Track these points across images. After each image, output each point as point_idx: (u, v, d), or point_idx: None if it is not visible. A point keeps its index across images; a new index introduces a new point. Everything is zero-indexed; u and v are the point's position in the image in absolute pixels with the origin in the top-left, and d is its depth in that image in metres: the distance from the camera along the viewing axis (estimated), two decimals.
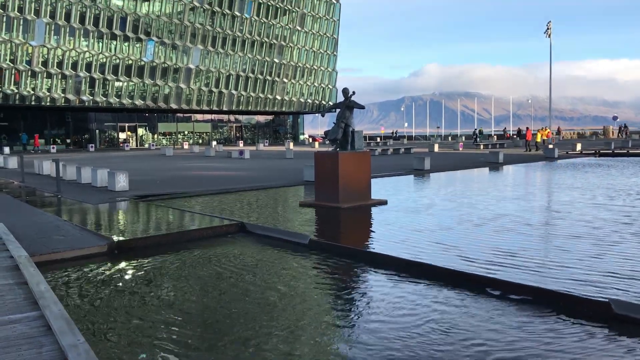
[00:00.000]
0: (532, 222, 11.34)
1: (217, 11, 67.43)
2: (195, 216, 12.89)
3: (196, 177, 22.64)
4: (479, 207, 13.65)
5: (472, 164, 29.11)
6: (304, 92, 79.01)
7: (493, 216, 12.07)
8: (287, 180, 20.84)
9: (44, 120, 61.50)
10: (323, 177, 14.28)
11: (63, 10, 55.44)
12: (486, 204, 14.09)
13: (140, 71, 61.66)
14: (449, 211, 13.02)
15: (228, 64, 69.47)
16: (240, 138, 77.43)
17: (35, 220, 11.94)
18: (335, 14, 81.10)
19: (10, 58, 52.76)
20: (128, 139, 67.68)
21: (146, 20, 61.64)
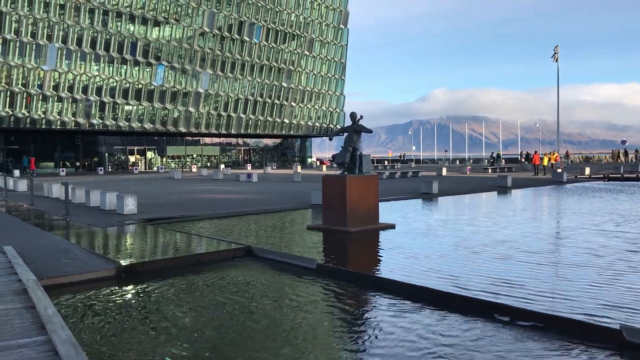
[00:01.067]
0: (537, 249, 11.26)
1: (226, 36, 68.28)
2: (203, 240, 12.89)
3: (204, 200, 22.69)
4: (486, 232, 13.58)
5: (480, 188, 29.03)
6: (312, 116, 79.46)
7: (499, 241, 12.00)
8: (295, 203, 20.84)
9: (54, 144, 62.03)
10: (331, 200, 14.29)
11: (75, 35, 56.31)
12: (492, 229, 14.02)
13: (150, 95, 62.31)
14: (457, 236, 12.95)
15: (237, 88, 70.11)
16: (249, 161, 77.74)
17: (44, 243, 11.98)
18: (343, 39, 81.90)
19: (22, 82, 53.49)
20: (137, 162, 68.09)
21: (156, 45, 62.47)
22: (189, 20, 65.07)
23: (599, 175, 39.35)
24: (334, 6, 79.62)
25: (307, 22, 76.70)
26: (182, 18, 64.59)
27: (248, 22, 69.97)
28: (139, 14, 60.57)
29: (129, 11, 59.80)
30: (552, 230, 14.31)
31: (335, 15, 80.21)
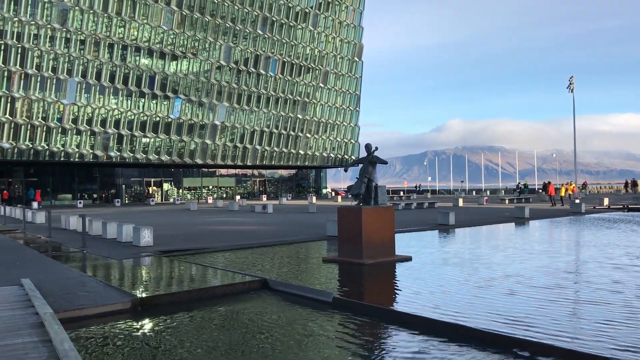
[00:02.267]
0: (553, 284, 11.05)
1: (242, 70, 69.29)
2: (218, 272, 12.86)
3: (220, 232, 22.72)
4: (504, 265, 13.40)
5: (498, 219, 28.76)
6: (327, 147, 79.81)
7: (517, 275, 11.81)
8: (310, 235, 20.78)
9: (72, 176, 62.86)
10: (346, 232, 14.22)
11: (94, 70, 57.50)
12: (510, 262, 13.83)
13: (167, 128, 63.11)
14: (475, 269, 12.79)
15: (253, 120, 70.80)
16: (264, 192, 77.98)
17: (61, 276, 12.03)
18: (357, 72, 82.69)
19: (42, 116, 54.53)
20: (153, 193, 68.62)
21: (174, 78, 63.54)
22: (206, 54, 66.23)
23: (618, 206, 38.82)
24: (348, 39, 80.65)
25: (322, 55, 77.67)
26: (200, 52, 65.77)
27: (264, 55, 71.04)
28: (157, 48, 61.82)
29: (147, 46, 61.06)
30: (567, 264, 14.07)
31: (349, 49, 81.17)
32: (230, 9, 67.43)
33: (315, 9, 76.23)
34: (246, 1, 68.88)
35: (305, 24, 75.37)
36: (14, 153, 52.94)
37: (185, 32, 63.83)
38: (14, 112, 52.73)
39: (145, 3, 60.42)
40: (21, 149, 53.21)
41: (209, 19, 65.65)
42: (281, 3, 72.17)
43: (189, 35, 64.23)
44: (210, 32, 66.00)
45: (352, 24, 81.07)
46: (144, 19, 60.64)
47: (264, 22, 70.79)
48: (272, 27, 71.63)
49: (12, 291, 9.90)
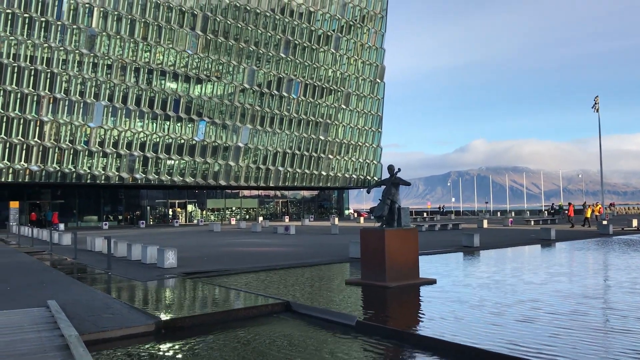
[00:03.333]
0: (582, 311, 10.77)
1: (265, 92, 69.99)
2: (241, 294, 12.85)
3: (243, 254, 22.75)
4: (531, 288, 13.15)
5: (523, 241, 28.32)
6: (349, 168, 79.81)
7: (543, 300, 11.58)
8: (333, 256, 20.69)
9: (98, 198, 63.80)
10: (369, 254, 14.13)
11: (120, 94, 58.62)
12: (537, 285, 13.57)
13: (191, 150, 63.83)
14: (502, 292, 12.57)
15: (275, 141, 71.26)
16: (286, 213, 78.07)
17: (86, 298, 12.13)
18: (379, 93, 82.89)
19: (70, 139, 55.62)
20: (178, 215, 69.19)
21: (198, 101, 64.42)
22: (229, 77, 67.11)
23: None
24: (370, 61, 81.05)
25: (343, 77, 78.13)
26: (224, 75, 66.68)
27: (286, 78, 71.71)
28: (182, 72, 62.85)
29: (173, 70, 62.12)
30: (594, 289, 13.75)
31: (371, 70, 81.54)
32: (253, 33, 68.40)
33: (337, 32, 76.92)
34: (269, 25, 69.84)
35: (327, 46, 76.04)
36: (42, 175, 53.98)
37: (209, 56, 64.84)
38: (43, 136, 53.88)
39: (170, 28, 61.64)
40: (49, 171, 54.24)
41: (232, 43, 66.64)
42: (304, 27, 73.00)
43: (213, 59, 65.20)
44: (234, 56, 66.95)
45: (374, 46, 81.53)
46: (169, 44, 61.82)
47: (287, 45, 71.61)
48: (295, 50, 72.40)
49: (38, 313, 10.01)
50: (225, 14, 66.03)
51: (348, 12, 77.99)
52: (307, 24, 73.40)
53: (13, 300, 11.91)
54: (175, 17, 62.06)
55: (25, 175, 53.20)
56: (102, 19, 57.28)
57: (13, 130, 52.16)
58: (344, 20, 77.40)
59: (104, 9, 57.20)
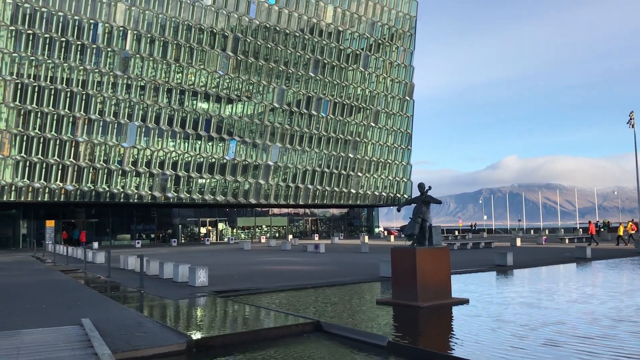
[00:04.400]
0: (610, 336, 10.44)
1: (295, 111, 70.49)
2: (271, 313, 12.83)
3: (273, 272, 22.77)
4: (567, 308, 12.82)
5: (558, 260, 27.72)
6: (379, 186, 79.51)
7: (581, 322, 11.26)
8: (363, 275, 20.55)
9: (131, 216, 64.80)
10: (400, 273, 13.99)
11: (153, 114, 59.72)
12: (576, 305, 13.23)
13: (222, 169, 64.49)
14: (536, 313, 12.29)
15: (305, 159, 71.53)
16: (316, 231, 78.00)
17: (119, 316, 12.27)
18: (409, 110, 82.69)
19: (104, 158, 56.78)
20: (209, 233, 69.78)
21: (229, 121, 65.21)
22: (260, 97, 67.83)
23: None
24: (399, 79, 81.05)
25: (372, 95, 78.23)
26: (254, 95, 67.44)
27: (315, 97, 72.14)
28: (213, 92, 63.79)
29: (204, 90, 63.10)
30: (630, 312, 13.32)
31: (400, 88, 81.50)
32: (283, 53, 69.15)
33: (366, 51, 77.24)
34: (298, 45, 70.55)
35: (356, 65, 76.36)
36: (77, 195, 55.12)
37: (240, 76, 65.72)
38: (78, 156, 55.13)
39: (202, 49, 62.76)
40: (83, 190, 55.37)
41: (262, 63, 67.46)
42: (332, 46, 73.52)
43: (244, 79, 66.05)
44: (264, 76, 67.73)
45: (403, 64, 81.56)
46: (201, 65, 62.89)
47: (316, 64, 72.16)
48: (324, 69, 72.88)
49: (72, 331, 10.16)
50: (255, 35, 66.98)
51: (377, 31, 78.34)
52: (336, 43, 73.92)
53: (48, 318, 12.11)
54: (206, 39, 63.20)
55: (60, 195, 54.41)
56: (136, 42, 58.67)
57: (49, 151, 53.50)
58: (372, 39, 77.74)
59: (138, 32, 58.61)
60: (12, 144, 51.69)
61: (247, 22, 66.16)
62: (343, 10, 74.50)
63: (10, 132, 51.52)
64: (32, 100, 52.75)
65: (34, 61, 53.02)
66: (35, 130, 52.84)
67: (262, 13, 67.31)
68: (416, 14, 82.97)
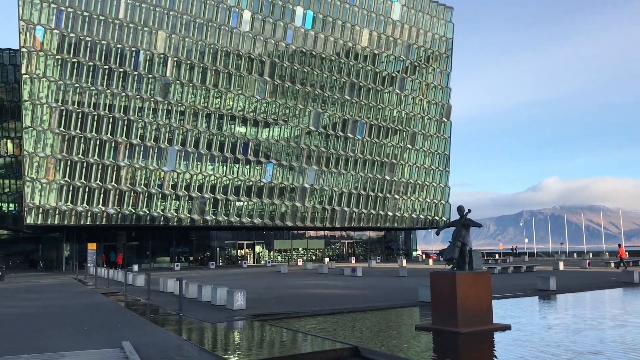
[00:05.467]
0: None
1: (331, 134, 70.78)
2: (308, 337, 12.74)
3: (310, 296, 22.67)
4: (618, 337, 12.34)
5: (603, 285, 26.81)
6: (416, 208, 78.78)
7: (627, 350, 10.81)
8: (402, 300, 20.26)
9: (170, 239, 65.73)
10: (440, 298, 13.74)
11: (192, 139, 60.82)
12: (622, 334, 12.72)
13: (259, 191, 65.01)
14: (582, 340, 11.87)
15: (341, 182, 71.53)
16: (353, 254, 77.57)
17: (158, 339, 12.37)
18: (446, 132, 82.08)
19: (144, 182, 57.95)
20: (246, 256, 70.15)
21: (266, 144, 65.88)
22: (296, 120, 68.43)
23: None
24: (436, 101, 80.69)
25: (409, 117, 78.01)
26: (290, 119, 68.08)
27: (351, 119, 72.35)
28: (251, 116, 64.66)
29: (242, 114, 64.04)
30: None
31: (437, 110, 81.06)
32: (319, 77, 69.78)
33: (402, 73, 77.29)
34: (334, 69, 71.11)
35: (391, 87, 76.42)
36: (118, 218, 56.28)
37: (277, 100, 66.52)
38: (119, 180, 56.41)
39: (240, 75, 63.86)
40: (124, 214, 56.50)
41: (299, 87, 68.17)
42: (368, 69, 73.84)
43: (280, 103, 66.80)
44: (300, 100, 68.39)
45: (440, 86, 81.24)
46: (238, 90, 63.95)
47: (352, 87, 72.50)
48: (359, 92, 73.16)
49: (113, 354, 10.27)
50: (292, 60, 67.85)
51: (413, 53, 78.41)
52: (371, 66, 74.23)
53: (90, 340, 12.30)
54: (244, 64, 64.32)
55: (102, 218, 55.64)
56: (176, 68, 60.12)
57: (92, 175, 54.91)
58: (408, 61, 77.80)
59: (178, 59, 60.07)
60: (56, 168, 53.28)
61: (283, 47, 67.13)
62: (379, 33, 74.92)
63: (55, 157, 53.14)
64: (76, 126, 54.40)
65: (78, 88, 54.81)
66: (78, 155, 54.39)
67: (298, 38, 68.24)
68: (452, 36, 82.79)
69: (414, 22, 78.38)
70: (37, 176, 52.02)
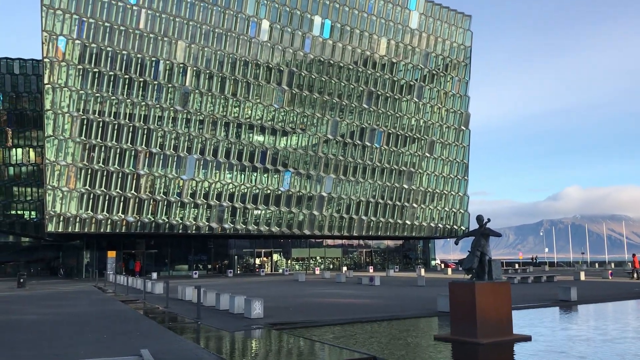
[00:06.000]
0: None
1: (348, 142, 70.77)
2: (326, 347, 12.68)
3: (328, 305, 22.59)
4: (635, 352, 12.11)
5: (626, 295, 26.35)
6: (435, 217, 78.30)
7: None
8: (420, 310, 20.11)
9: (189, 247, 66.09)
10: (459, 308, 13.61)
11: (211, 147, 61.22)
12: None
13: (277, 200, 65.14)
14: (601, 352, 11.66)
15: (358, 190, 71.40)
16: (370, 263, 77.24)
17: (177, 347, 12.41)
18: (464, 140, 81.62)
19: (163, 191, 58.42)
20: (263, 264, 70.25)
21: (284, 153, 66.07)
22: (314, 129, 68.56)
23: None
24: (454, 109, 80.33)
25: (427, 126, 77.72)
26: (308, 127, 68.23)
27: (369, 128, 72.30)
28: (269, 125, 64.93)
29: (260, 123, 64.34)
30: None
31: (456, 118, 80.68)
32: (336, 86, 69.90)
33: (420, 81, 77.11)
34: (352, 77, 71.20)
35: (410, 96, 76.26)
36: (138, 226, 56.75)
37: (294, 109, 66.74)
38: (139, 188, 56.93)
39: (258, 84, 64.22)
40: (144, 222, 56.96)
41: (317, 96, 68.34)
42: (386, 78, 73.81)
43: (298, 112, 67.01)
44: (318, 108, 68.53)
45: (458, 94, 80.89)
46: (257, 99, 64.29)
47: (369, 96, 72.50)
48: (377, 100, 73.11)
49: None
50: (309, 69, 68.09)
51: (431, 62, 78.23)
52: (389, 74, 74.19)
53: (109, 348, 12.38)
54: (262, 74, 64.70)
55: (122, 226, 56.14)
56: (195, 78, 60.66)
57: (112, 184, 55.50)
58: (426, 70, 77.63)
59: (197, 68, 60.62)
60: (77, 177, 53.95)
61: (301, 57, 67.41)
62: (396, 42, 74.90)
63: (76, 165, 53.82)
64: (97, 135, 55.09)
65: (99, 97, 55.54)
66: (99, 163, 55.03)
67: (316, 47, 68.49)
68: (471, 44, 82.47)
69: (432, 31, 78.25)
70: (59, 184, 52.72)
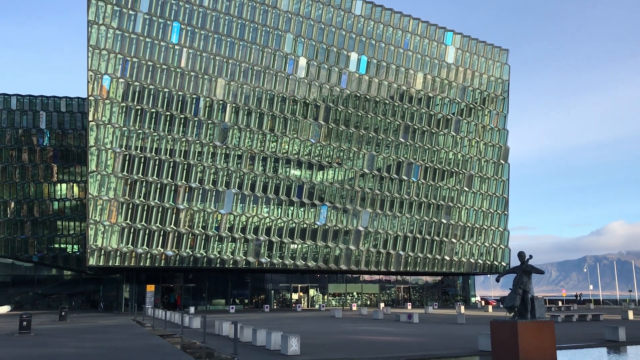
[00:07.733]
0: None
1: (385, 176, 70.59)
2: None
3: (365, 342, 22.23)
4: None
5: None
6: (474, 253, 76.82)
7: None
8: (461, 349, 19.59)
9: (226, 281, 66.34)
10: (501, 348, 13.22)
11: (249, 182, 61.92)
12: None
13: (313, 234, 65.09)
14: None
15: (396, 225, 70.80)
16: (408, 300, 75.97)
17: None
18: (504, 174, 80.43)
19: (202, 225, 59.11)
20: (300, 299, 69.84)
21: (320, 187, 66.27)
22: (350, 163, 68.71)
23: None
24: (493, 143, 79.52)
25: (465, 160, 77.02)
26: (344, 161, 68.44)
27: (406, 162, 72.05)
28: (306, 160, 65.42)
29: (297, 158, 64.90)
30: None
31: (494, 152, 79.80)
32: (373, 120, 70.19)
33: (457, 115, 76.81)
34: (388, 112, 71.44)
35: (447, 130, 75.93)
36: (176, 260, 57.39)
37: (331, 143, 67.15)
38: (178, 222, 57.77)
39: (295, 119, 65.03)
40: (182, 256, 57.59)
41: (353, 131, 68.69)
42: (422, 112, 73.79)
43: (335, 146, 67.38)
44: (354, 143, 68.80)
45: (496, 128, 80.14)
46: (294, 134, 65.02)
47: (406, 130, 72.48)
48: (414, 134, 73.00)
49: None
50: (346, 104, 68.69)
51: (468, 96, 77.99)
52: (426, 108, 74.17)
53: None
54: (299, 109, 65.55)
55: (161, 260, 56.87)
56: (234, 114, 61.85)
57: (152, 218, 56.49)
58: (464, 104, 77.35)
59: (236, 105, 61.85)
60: (118, 211, 55.14)
61: (338, 92, 68.13)
62: (433, 76, 75.08)
63: (118, 200, 55.07)
64: (138, 171, 56.41)
65: (140, 134, 57.07)
66: (140, 198, 56.19)
67: (352, 83, 69.17)
68: (508, 78, 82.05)
69: (468, 65, 78.23)
70: (100, 219, 53.94)
